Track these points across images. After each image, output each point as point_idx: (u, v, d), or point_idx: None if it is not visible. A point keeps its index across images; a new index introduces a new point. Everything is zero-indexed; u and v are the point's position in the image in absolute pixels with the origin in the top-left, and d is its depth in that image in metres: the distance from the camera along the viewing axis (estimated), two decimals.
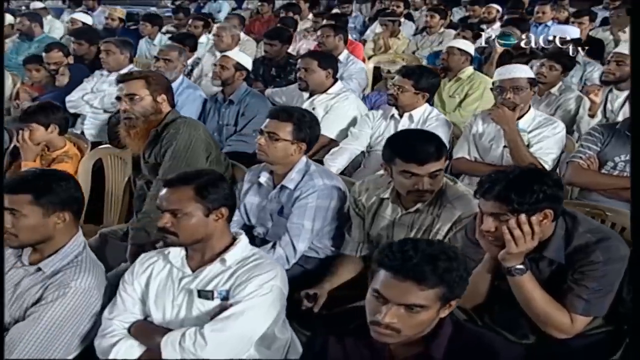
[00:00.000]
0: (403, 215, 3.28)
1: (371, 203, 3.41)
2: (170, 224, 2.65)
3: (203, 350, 2.45)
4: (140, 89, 3.83)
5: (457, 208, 3.17)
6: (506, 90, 4.41)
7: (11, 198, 2.73)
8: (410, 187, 3.13)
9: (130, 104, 3.82)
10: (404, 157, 3.11)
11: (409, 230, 3.26)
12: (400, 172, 3.13)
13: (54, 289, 2.68)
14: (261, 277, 2.57)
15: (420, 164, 3.07)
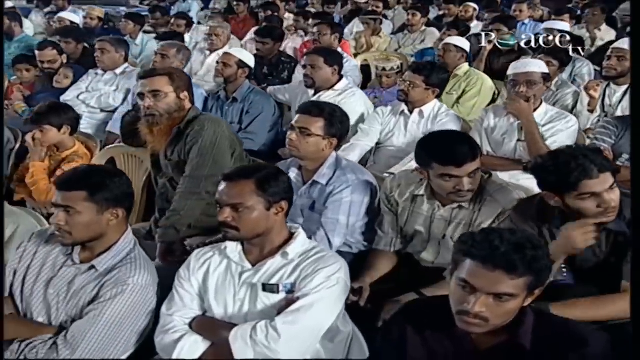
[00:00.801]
0: (441, 211, 3.28)
1: (404, 199, 3.40)
2: (231, 219, 2.62)
3: (277, 343, 2.43)
4: (165, 85, 3.77)
5: (499, 201, 3.17)
6: (520, 83, 4.49)
7: (65, 195, 2.68)
8: (450, 189, 3.12)
9: (154, 100, 3.75)
10: (441, 161, 3.09)
11: (447, 225, 3.27)
12: (438, 176, 3.12)
13: (111, 286, 2.65)
14: (327, 269, 2.56)
15: (459, 165, 3.05)
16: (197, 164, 3.71)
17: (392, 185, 3.47)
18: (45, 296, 2.75)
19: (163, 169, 4.01)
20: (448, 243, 3.24)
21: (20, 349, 2.61)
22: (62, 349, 2.56)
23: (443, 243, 3.28)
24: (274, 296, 2.58)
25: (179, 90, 3.81)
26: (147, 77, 3.84)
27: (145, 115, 3.80)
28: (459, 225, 3.24)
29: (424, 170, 3.21)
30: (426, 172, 3.19)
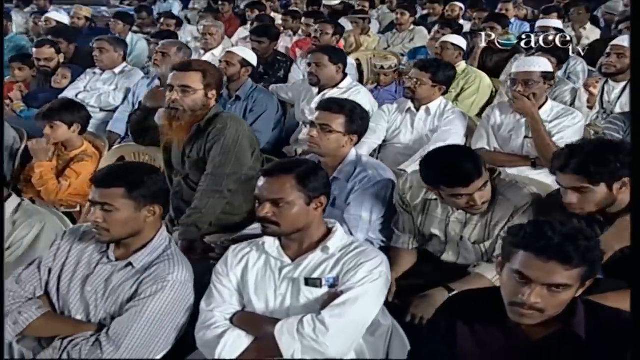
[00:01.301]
0: (455, 214, 3.28)
1: (417, 203, 3.39)
2: (271, 214, 2.64)
3: (324, 337, 2.44)
4: (196, 82, 3.77)
5: (511, 199, 3.18)
6: (518, 82, 4.54)
7: (103, 192, 2.68)
8: (463, 205, 3.12)
9: (181, 95, 3.75)
10: (448, 184, 3.06)
11: (463, 227, 3.28)
12: (449, 196, 3.11)
13: (150, 283, 2.65)
14: (369, 263, 2.58)
15: (466, 185, 3.02)
16: (220, 162, 3.71)
17: (404, 187, 3.45)
18: (83, 294, 2.75)
19: (176, 167, 4.01)
20: (466, 244, 3.27)
21: (63, 345, 2.61)
22: (105, 345, 2.56)
23: (462, 244, 3.29)
24: (317, 290, 2.59)
25: (208, 88, 3.81)
26: (181, 70, 3.82)
27: (169, 108, 3.79)
28: (475, 226, 3.25)
29: (435, 191, 3.20)
30: (437, 192, 3.18)
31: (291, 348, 2.46)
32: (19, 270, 2.85)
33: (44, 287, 2.82)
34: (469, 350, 2.26)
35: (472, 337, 2.27)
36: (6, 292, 2.76)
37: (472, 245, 3.24)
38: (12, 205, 3.24)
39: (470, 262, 3.29)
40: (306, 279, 2.61)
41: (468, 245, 3.26)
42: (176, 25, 8.32)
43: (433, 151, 3.35)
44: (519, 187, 3.24)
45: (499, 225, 3.18)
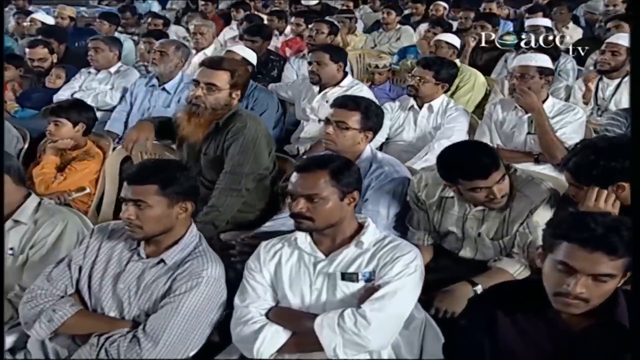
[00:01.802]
0: (472, 210, 3.30)
1: (432, 201, 3.41)
2: (305, 209, 2.66)
3: (366, 330, 2.47)
4: (223, 81, 3.76)
5: (529, 196, 3.20)
6: (514, 77, 4.62)
7: (136, 189, 2.69)
8: (482, 199, 3.14)
9: (206, 92, 3.75)
10: (467, 177, 3.08)
11: (481, 224, 3.30)
12: (468, 190, 3.14)
13: (185, 279, 2.66)
14: (405, 257, 2.61)
15: (485, 177, 3.04)
16: (238, 161, 3.72)
17: (419, 185, 3.46)
18: (115, 291, 2.75)
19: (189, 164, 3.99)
20: (484, 240, 3.29)
21: (100, 342, 2.61)
22: (143, 342, 2.57)
23: (479, 241, 3.32)
24: (353, 285, 2.61)
25: (233, 88, 3.81)
26: (210, 67, 3.82)
27: (191, 103, 3.80)
28: (492, 223, 3.27)
29: (453, 187, 3.23)
30: (455, 187, 3.21)
31: (333, 342, 2.47)
32: (49, 269, 2.85)
33: (75, 285, 2.81)
34: (511, 340, 2.29)
35: (513, 327, 2.30)
36: (37, 290, 2.77)
37: (490, 242, 3.27)
38: (33, 204, 3.23)
39: (488, 257, 3.31)
40: (342, 273, 2.63)
41: (486, 241, 3.28)
42: (163, 25, 8.28)
43: (449, 147, 3.38)
44: (536, 183, 3.27)
45: (517, 221, 3.21)
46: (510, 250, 3.24)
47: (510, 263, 3.16)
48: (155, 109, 5.46)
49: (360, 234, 2.70)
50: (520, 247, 3.17)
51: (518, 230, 3.19)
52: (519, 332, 2.30)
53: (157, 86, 5.55)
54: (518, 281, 2.62)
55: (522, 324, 2.31)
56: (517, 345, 2.29)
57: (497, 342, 2.31)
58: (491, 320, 2.33)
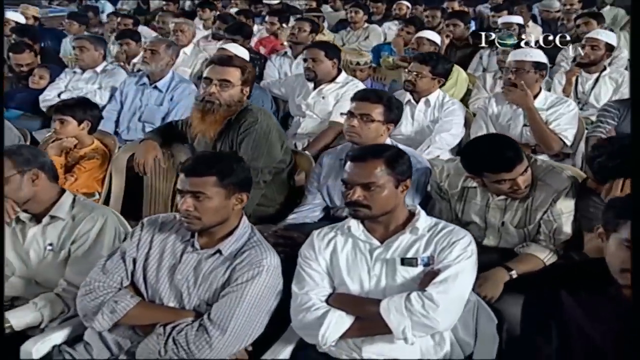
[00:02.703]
0: (495, 200, 3.40)
1: (455, 191, 3.50)
2: (362, 197, 2.73)
3: (435, 312, 2.55)
4: (235, 77, 3.83)
5: (552, 184, 3.32)
6: (509, 71, 4.78)
7: (194, 181, 2.72)
8: (506, 190, 3.25)
9: (220, 89, 3.80)
10: (493, 171, 3.19)
11: (503, 212, 3.39)
12: (493, 182, 3.24)
13: (246, 269, 2.71)
14: (461, 241, 2.71)
15: (509, 171, 3.15)
16: (252, 155, 3.77)
17: (441, 175, 3.55)
18: (172, 282, 2.78)
19: None
20: (508, 229, 3.39)
21: (167, 332, 2.64)
22: (212, 330, 2.60)
23: (503, 230, 3.41)
24: (413, 269, 2.70)
25: (245, 84, 3.88)
26: (222, 64, 3.87)
27: (205, 101, 3.83)
28: (515, 212, 3.38)
29: (477, 178, 3.32)
30: (480, 179, 3.31)
31: (401, 324, 2.55)
32: (102, 261, 2.87)
33: (130, 277, 2.83)
34: (578, 317, 2.40)
35: (579, 306, 2.41)
36: (94, 282, 2.78)
37: (515, 230, 3.37)
38: (69, 200, 3.24)
39: (511, 245, 3.40)
40: (402, 259, 2.71)
41: (510, 229, 3.39)
42: (134, 25, 8.24)
43: (473, 141, 3.52)
44: (557, 171, 3.39)
45: (541, 209, 3.32)
46: (535, 237, 3.35)
47: (539, 249, 3.28)
48: (148, 107, 5.46)
49: (413, 221, 2.78)
50: (546, 234, 3.29)
51: (542, 219, 3.31)
52: (585, 310, 2.41)
53: (148, 85, 5.54)
54: (576, 262, 2.73)
55: (588, 302, 2.41)
56: (585, 323, 2.40)
57: (563, 320, 2.42)
58: (556, 300, 2.44)
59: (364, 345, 2.66)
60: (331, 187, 3.81)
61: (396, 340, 2.60)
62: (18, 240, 3.23)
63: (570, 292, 2.43)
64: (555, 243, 3.28)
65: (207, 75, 3.87)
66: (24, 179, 3.15)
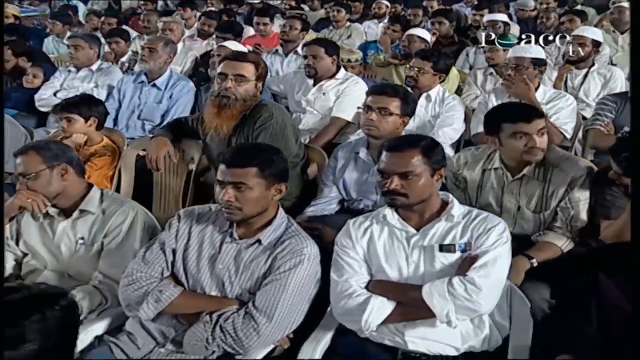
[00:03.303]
0: (511, 182, 3.49)
1: (474, 176, 3.58)
2: (400, 186, 2.79)
3: (478, 295, 2.62)
4: (250, 72, 3.88)
5: (568, 171, 3.41)
6: (509, 67, 4.91)
7: (236, 171, 2.77)
8: (522, 147, 3.33)
9: (235, 83, 3.85)
10: (511, 120, 3.31)
11: (519, 196, 3.48)
12: (510, 136, 3.34)
13: (288, 257, 2.76)
14: (497, 228, 2.79)
15: (529, 121, 3.28)
16: None
17: (459, 163, 3.64)
18: (213, 271, 2.83)
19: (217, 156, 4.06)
20: (524, 213, 3.47)
21: (213, 319, 2.69)
22: (258, 317, 2.65)
23: (519, 214, 3.48)
24: (451, 255, 2.77)
25: (259, 79, 3.94)
26: (236, 60, 3.93)
27: (220, 96, 3.88)
28: (532, 196, 3.46)
29: (495, 138, 3.42)
30: (497, 138, 3.41)
31: (445, 308, 2.62)
32: (141, 253, 2.91)
33: (170, 268, 2.87)
34: (616, 297, 2.51)
35: (617, 288, 2.52)
36: (137, 273, 2.82)
37: (531, 214, 3.46)
38: (97, 194, 3.28)
39: (527, 231, 3.48)
40: (440, 245, 2.78)
41: (526, 214, 3.46)
42: (117, 24, 8.23)
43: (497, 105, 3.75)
44: (574, 159, 3.52)
45: (557, 195, 3.41)
46: (551, 224, 3.44)
47: (557, 237, 3.37)
48: (147, 105, 5.49)
49: (448, 209, 2.86)
50: (562, 221, 3.38)
51: (559, 206, 3.40)
52: (624, 291, 2.51)
53: (146, 82, 5.56)
54: (608, 245, 2.83)
55: (626, 284, 2.51)
56: (624, 303, 2.50)
57: (602, 301, 2.51)
58: (594, 282, 2.53)
59: (406, 329, 2.73)
60: (347, 180, 3.88)
61: (438, 324, 2.68)
62: (47, 235, 3.26)
63: (608, 275, 2.53)
64: (571, 230, 3.37)
65: (223, 71, 3.92)
66: (53, 173, 3.18)
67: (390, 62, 6.71)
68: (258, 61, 4.00)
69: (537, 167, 3.45)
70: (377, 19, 9.63)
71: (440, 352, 2.71)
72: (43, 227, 3.28)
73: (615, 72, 5.86)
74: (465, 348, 2.72)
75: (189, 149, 4.36)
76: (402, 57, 6.52)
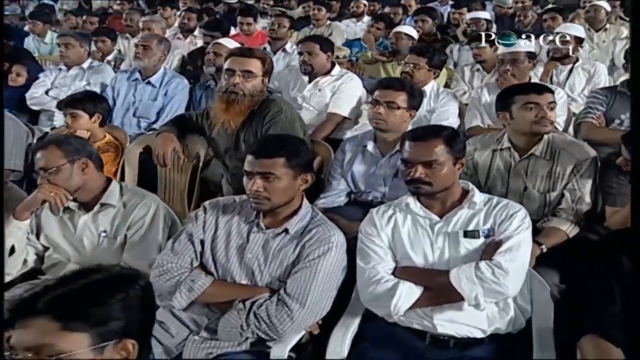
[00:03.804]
0: (518, 163, 3.62)
1: (484, 158, 3.70)
2: (424, 175, 2.87)
3: (505, 279, 2.70)
4: (257, 68, 3.95)
5: (574, 153, 3.56)
6: (506, 62, 5.02)
7: (264, 162, 2.82)
8: (533, 117, 3.51)
9: (243, 79, 3.91)
10: (523, 92, 3.59)
11: (526, 177, 3.60)
12: (521, 107, 3.53)
13: (316, 245, 2.83)
14: (519, 214, 2.88)
15: (539, 93, 3.56)
16: None
17: (469, 149, 3.71)
18: (242, 261, 2.89)
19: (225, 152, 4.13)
20: (531, 194, 3.58)
21: (247, 307, 2.76)
22: (291, 303, 2.72)
23: (525, 195, 3.59)
24: (475, 241, 2.85)
25: (265, 75, 4.00)
26: (243, 56, 3.99)
27: (229, 92, 3.94)
28: (539, 176, 3.58)
29: (506, 113, 3.61)
30: (508, 112, 3.58)
31: (473, 291, 2.70)
32: (169, 244, 2.96)
33: (199, 258, 2.93)
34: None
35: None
36: (167, 264, 2.87)
37: (537, 195, 3.57)
38: (117, 188, 3.32)
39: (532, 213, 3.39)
40: (465, 231, 2.87)
41: (533, 195, 3.58)
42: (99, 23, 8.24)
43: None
44: (580, 143, 3.70)
45: (563, 176, 3.54)
46: (555, 209, 3.55)
47: (562, 222, 3.48)
48: (142, 102, 5.51)
49: (469, 196, 2.94)
50: (568, 203, 3.50)
51: (567, 187, 3.53)
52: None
53: (140, 80, 5.59)
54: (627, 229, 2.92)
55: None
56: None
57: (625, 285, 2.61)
58: (617, 266, 2.63)
59: (434, 313, 2.80)
60: (355, 172, 3.95)
61: (465, 307, 2.76)
62: (68, 229, 3.30)
63: (631, 258, 2.62)
64: (576, 214, 3.49)
65: (230, 67, 3.97)
66: (74, 167, 3.22)
67: (377, 59, 6.80)
68: (265, 57, 4.07)
69: (545, 147, 3.60)
70: (355, 17, 9.74)
71: (467, 335, 2.79)
72: (63, 221, 3.32)
73: (599, 67, 6.03)
74: (491, 330, 2.81)
75: (193, 144, 4.40)
76: (389, 54, 6.62)
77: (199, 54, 6.79)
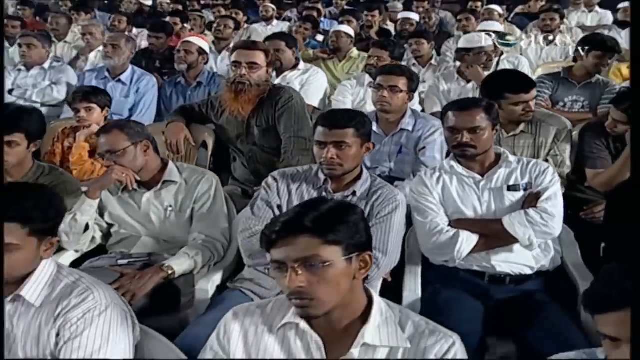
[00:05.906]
0: (506, 138, 4.17)
1: None
2: (470, 139, 3.29)
3: (552, 221, 3.19)
4: (261, 59, 4.30)
5: (553, 124, 4.20)
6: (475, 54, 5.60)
7: (337, 132, 3.16)
8: (519, 113, 4.09)
9: (249, 71, 4.25)
10: (514, 91, 4.06)
11: (514, 149, 4.14)
12: (511, 104, 4.07)
13: (385, 204, 3.19)
14: (549, 169, 3.36)
15: (527, 92, 4.06)
16: (298, 127, 4.31)
17: None
18: None
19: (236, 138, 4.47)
20: None
21: None
22: (376, 253, 3.03)
23: None
24: (517, 194, 3.32)
25: (269, 66, 4.38)
26: (248, 49, 4.32)
27: (236, 82, 4.28)
28: (525, 147, 4.17)
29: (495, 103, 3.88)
30: (497, 103, 3.94)
31: (527, 234, 3.17)
32: (247, 211, 3.28)
33: None
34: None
35: None
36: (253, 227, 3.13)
37: None
38: (174, 166, 3.57)
39: None
40: (508, 186, 3.34)
41: None
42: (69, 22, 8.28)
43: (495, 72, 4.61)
44: (556, 115, 4.35)
45: (546, 145, 4.17)
46: None
47: None
48: (114, 100, 5.61)
49: (504, 157, 3.40)
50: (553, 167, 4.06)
51: (549, 154, 4.14)
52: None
53: (110, 78, 5.75)
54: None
55: None
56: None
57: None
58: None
59: (490, 256, 3.26)
60: None
61: (515, 249, 3.24)
62: (131, 206, 3.54)
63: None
64: (559, 176, 3.88)
65: (236, 59, 4.32)
66: (137, 149, 3.47)
67: (318, 57, 7.19)
68: (267, 50, 4.43)
69: (528, 123, 4.19)
70: (265, 21, 10.08)
71: (520, 272, 3.27)
72: (123, 200, 3.55)
73: (522, 59, 6.75)
74: (538, 267, 3.29)
75: (198, 133, 4.66)
76: (330, 52, 7.05)
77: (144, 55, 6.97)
